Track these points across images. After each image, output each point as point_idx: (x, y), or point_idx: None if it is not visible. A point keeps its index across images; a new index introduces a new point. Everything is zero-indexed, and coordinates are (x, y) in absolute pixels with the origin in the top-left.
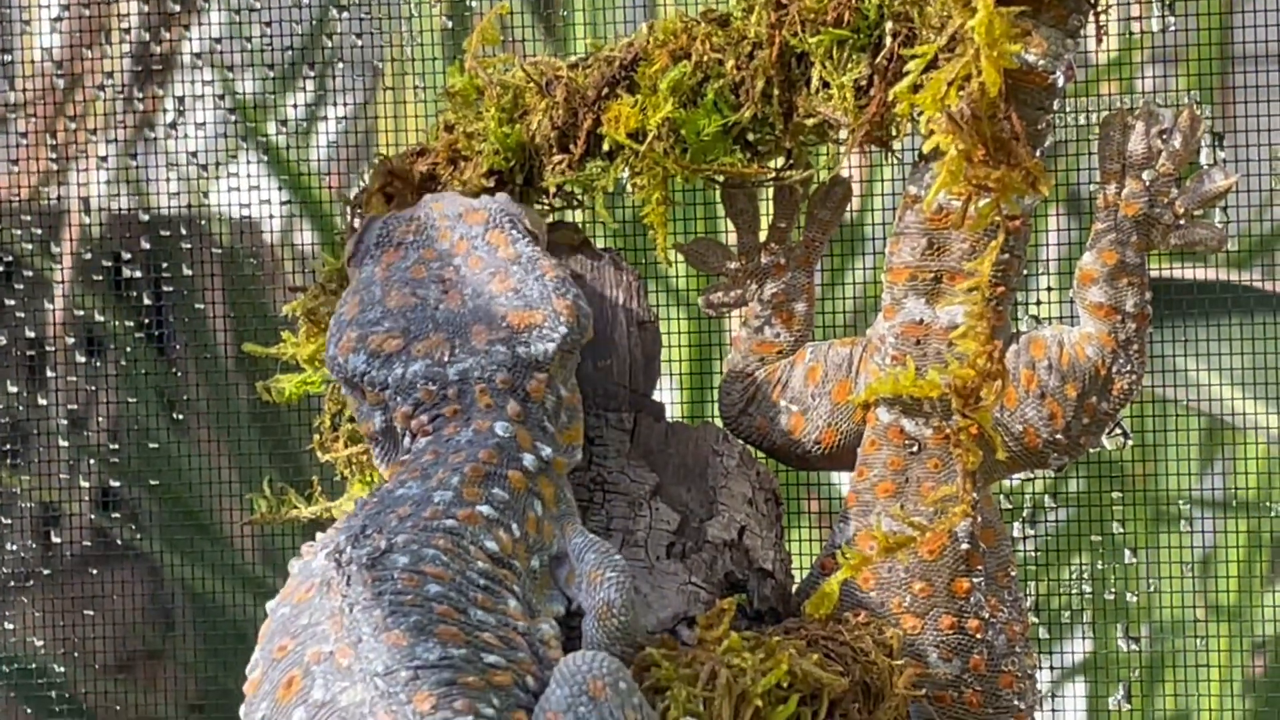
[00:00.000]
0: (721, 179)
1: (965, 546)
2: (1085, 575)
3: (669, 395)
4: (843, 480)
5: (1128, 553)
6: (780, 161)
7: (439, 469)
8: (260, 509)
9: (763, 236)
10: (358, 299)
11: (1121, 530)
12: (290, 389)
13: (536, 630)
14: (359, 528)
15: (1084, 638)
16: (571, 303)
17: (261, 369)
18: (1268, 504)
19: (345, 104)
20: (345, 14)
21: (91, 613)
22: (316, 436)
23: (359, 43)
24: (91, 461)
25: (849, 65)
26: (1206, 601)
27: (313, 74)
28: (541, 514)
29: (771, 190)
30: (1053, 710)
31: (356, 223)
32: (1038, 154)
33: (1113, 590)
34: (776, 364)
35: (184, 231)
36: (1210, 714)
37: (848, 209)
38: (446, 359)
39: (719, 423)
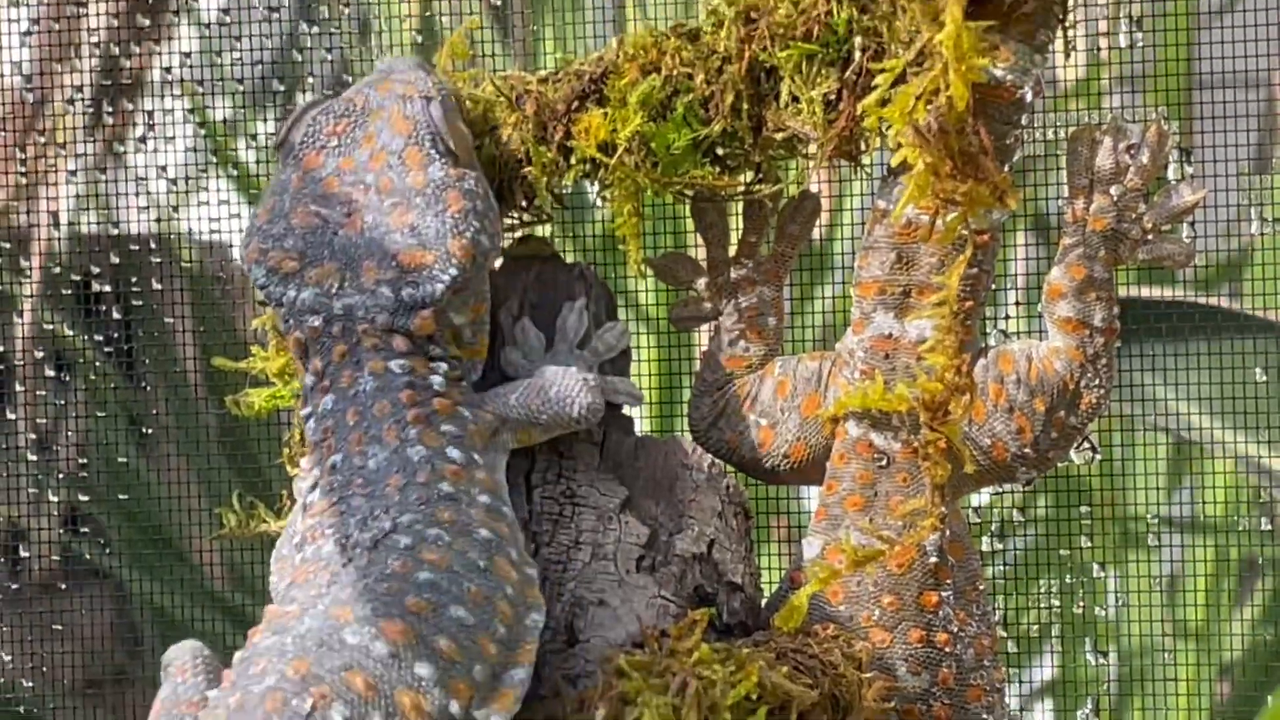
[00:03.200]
0: (691, 193)
1: (934, 560)
2: (1053, 592)
3: (637, 409)
4: (812, 494)
5: (1096, 567)
6: (750, 176)
7: (382, 426)
8: (229, 523)
9: (732, 251)
10: (270, 204)
11: (1090, 545)
12: (259, 403)
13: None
14: (366, 514)
15: (1052, 652)
16: (469, 241)
17: (229, 385)
18: (1234, 524)
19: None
20: (314, 28)
21: (59, 627)
22: (286, 450)
23: (329, 58)
24: (59, 478)
25: (818, 79)
26: (1174, 621)
27: (281, 88)
28: (472, 417)
29: (741, 205)
30: None
31: None
32: (1005, 168)
33: (1081, 604)
34: (746, 378)
35: (153, 249)
36: None
37: (817, 224)
38: (334, 291)
39: (688, 437)
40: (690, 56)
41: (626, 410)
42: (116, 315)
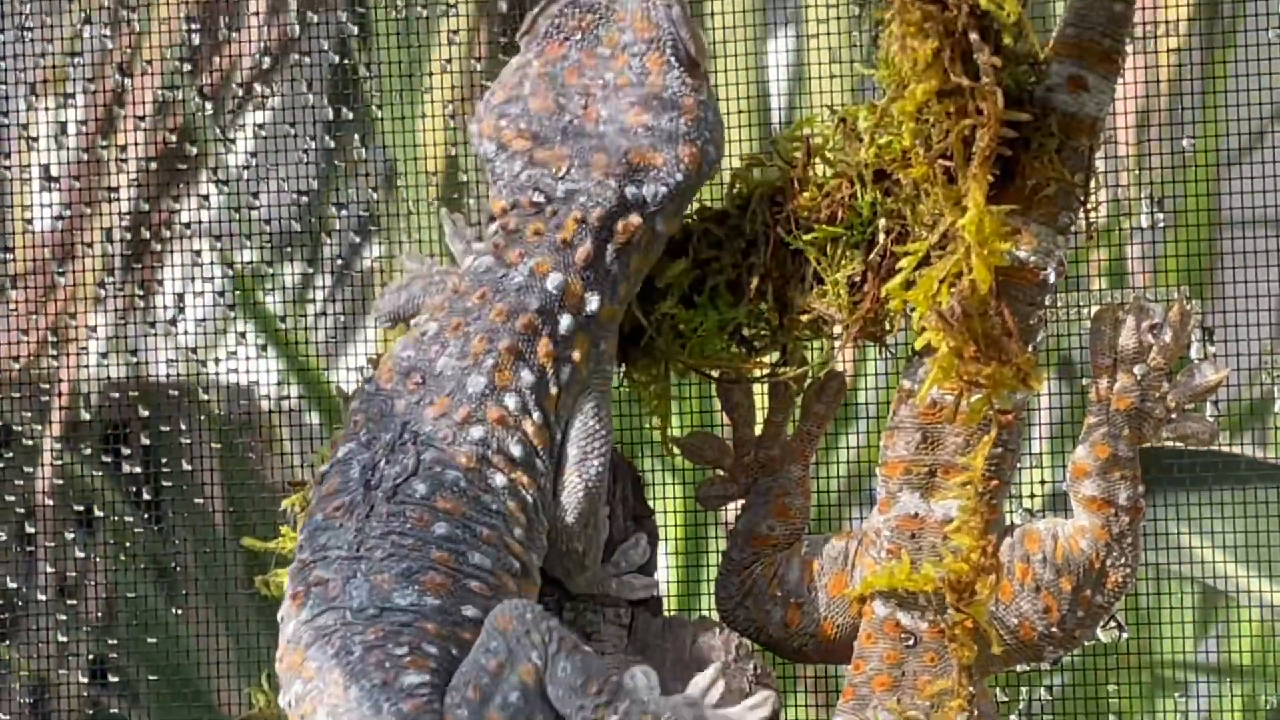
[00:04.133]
0: (717, 374)
1: None
2: None
3: (664, 588)
4: (840, 673)
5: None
6: (775, 356)
7: (479, 332)
8: (258, 703)
9: (758, 430)
10: (509, 85)
11: (1117, 696)
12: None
13: (531, 564)
14: (397, 433)
15: None
16: (699, 149)
17: (255, 533)
18: (1264, 672)
19: (335, 269)
20: (337, 176)
21: None
22: None
23: (354, 202)
24: (85, 629)
25: (843, 262)
26: None
27: (306, 235)
28: (567, 381)
29: (767, 385)
30: None
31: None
32: (1029, 349)
33: None
34: (773, 557)
35: (175, 395)
36: None
37: (842, 402)
38: (561, 174)
39: (714, 615)
40: (717, 237)
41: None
42: (141, 464)
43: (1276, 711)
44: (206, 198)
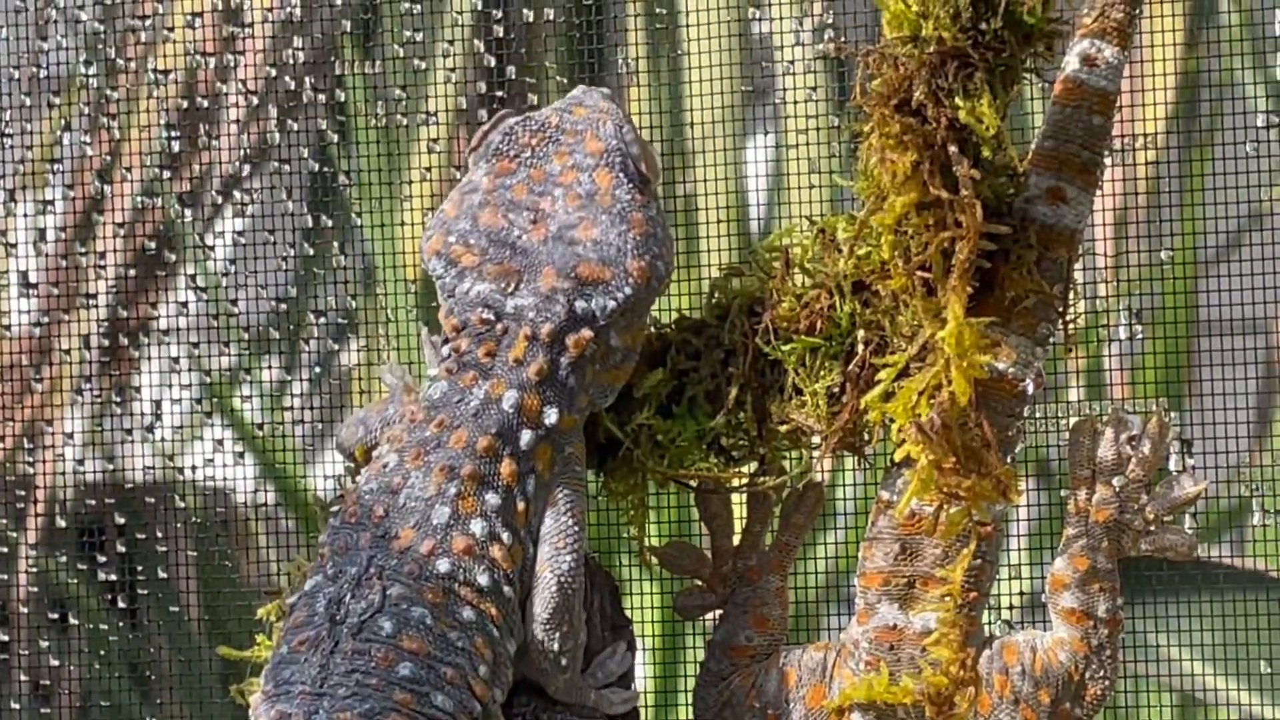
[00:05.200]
0: (695, 484)
1: None
2: None
3: (642, 697)
4: None
5: None
6: (754, 466)
7: (440, 461)
8: None
9: (736, 540)
10: (458, 202)
11: None
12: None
13: (493, 705)
14: (363, 568)
15: None
16: (647, 264)
17: (230, 636)
18: None
19: (312, 374)
20: (316, 283)
21: None
22: None
23: (333, 307)
24: None
25: (821, 373)
26: None
27: (280, 337)
28: (533, 492)
29: (745, 495)
30: None
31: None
32: (1008, 460)
33: None
34: (751, 668)
35: (151, 495)
36: None
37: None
38: (510, 290)
39: None
40: (696, 348)
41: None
42: (117, 568)
43: None
44: (185, 304)
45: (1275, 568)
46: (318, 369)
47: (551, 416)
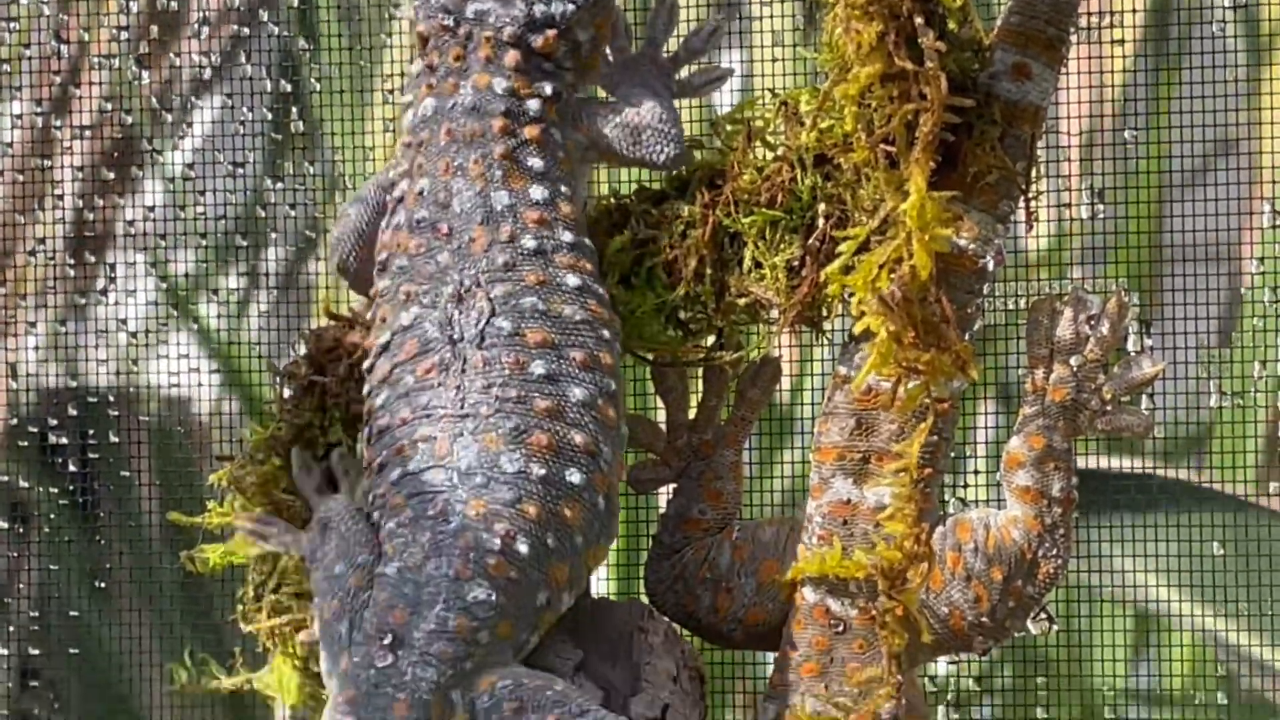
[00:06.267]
0: (653, 357)
1: None
2: None
3: (600, 571)
4: (768, 660)
5: None
6: (711, 340)
7: (470, 155)
8: (180, 679)
9: (692, 414)
10: None
11: (1048, 718)
12: (215, 559)
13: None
14: (458, 283)
15: None
16: None
17: (187, 541)
18: (1194, 699)
19: (278, 275)
20: (280, 184)
21: None
22: (239, 608)
23: (293, 214)
24: (11, 629)
25: (781, 246)
26: None
27: (245, 244)
28: (562, 139)
29: (702, 369)
30: None
31: (286, 394)
32: (967, 337)
33: None
34: (704, 542)
35: (112, 402)
36: None
37: (778, 388)
38: None
39: (645, 598)
40: (655, 219)
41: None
42: (75, 468)
43: None
44: (151, 208)
45: (1231, 482)
46: (281, 276)
47: (547, 88)
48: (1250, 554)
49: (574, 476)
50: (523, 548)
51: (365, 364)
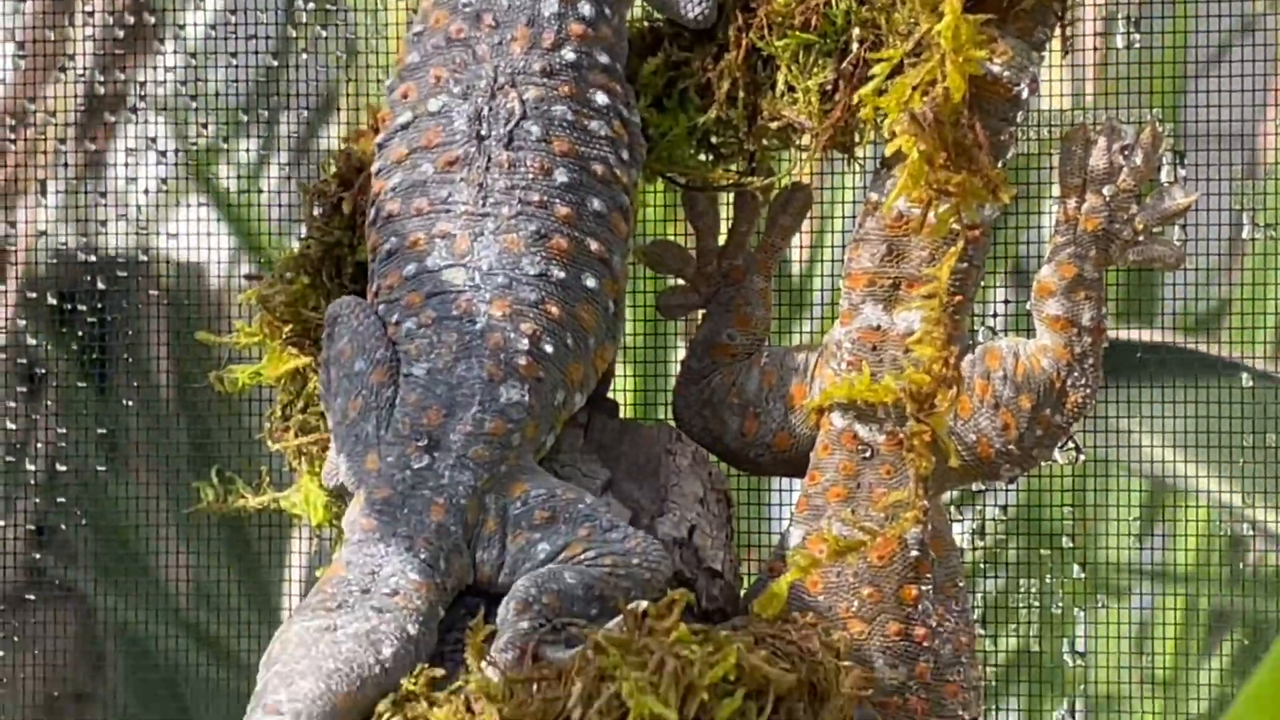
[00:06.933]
0: (684, 181)
1: (915, 554)
2: (1027, 632)
3: (622, 395)
4: (794, 485)
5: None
6: (743, 165)
7: None
8: (206, 497)
9: (722, 240)
10: None
11: (1060, 588)
12: (243, 378)
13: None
14: (492, 79)
15: (1018, 696)
16: None
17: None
18: (1205, 573)
19: (291, 149)
20: (300, 55)
21: (18, 640)
22: (267, 426)
23: (314, 80)
24: (27, 493)
25: (815, 69)
26: (1141, 673)
27: (264, 110)
28: None
29: (733, 194)
30: None
31: (316, 212)
32: (999, 164)
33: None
34: (732, 367)
35: (127, 265)
36: None
37: (808, 217)
38: None
39: (672, 422)
40: (687, 42)
41: (610, 394)
42: (89, 332)
43: (1217, 613)
44: (169, 70)
45: (1250, 356)
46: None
47: None
48: (1267, 428)
49: (589, 281)
50: (548, 347)
51: (378, 138)
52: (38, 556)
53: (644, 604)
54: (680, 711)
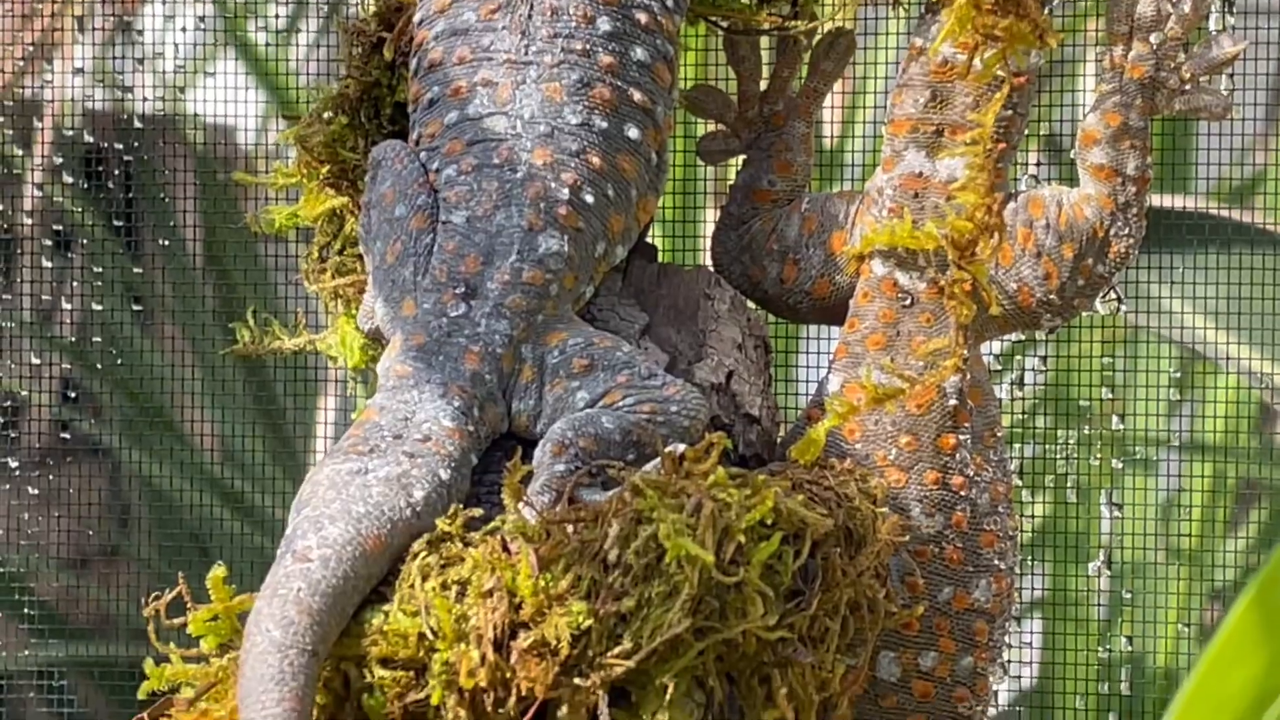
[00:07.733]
0: (726, 25)
1: (953, 403)
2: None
3: (658, 232)
4: (833, 333)
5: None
6: (786, 9)
7: None
8: (243, 339)
9: (764, 85)
10: None
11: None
12: (281, 220)
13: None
14: None
15: (1044, 561)
16: None
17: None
18: (1233, 445)
19: (326, 3)
20: None
21: (48, 501)
22: (304, 266)
23: None
24: (57, 353)
25: None
26: (1168, 545)
27: None
28: None
29: (775, 39)
30: (1010, 645)
31: (355, 51)
32: (1046, 10)
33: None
34: (772, 213)
35: (157, 125)
36: (1165, 657)
37: (849, 66)
38: None
39: (710, 267)
40: None
41: (649, 239)
42: (120, 193)
43: (1246, 480)
44: None
45: None
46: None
47: None
48: None
49: (631, 131)
50: (589, 197)
51: None
52: (66, 416)
53: (681, 447)
54: (716, 554)
